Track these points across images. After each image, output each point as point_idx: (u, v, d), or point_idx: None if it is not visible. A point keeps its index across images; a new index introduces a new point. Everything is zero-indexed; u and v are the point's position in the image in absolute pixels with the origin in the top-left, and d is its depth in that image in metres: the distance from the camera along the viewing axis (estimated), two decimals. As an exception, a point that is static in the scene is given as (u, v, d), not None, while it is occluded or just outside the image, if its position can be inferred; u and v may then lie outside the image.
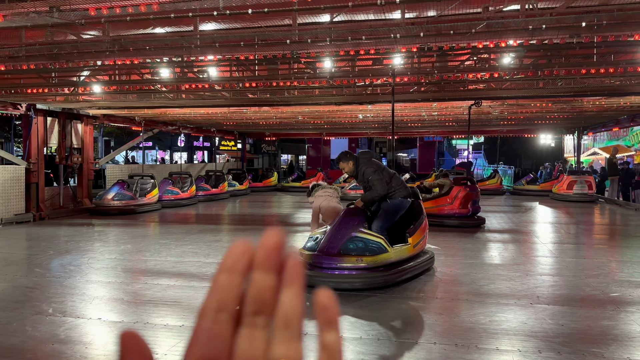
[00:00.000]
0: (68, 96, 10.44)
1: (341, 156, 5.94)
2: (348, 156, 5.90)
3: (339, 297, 1.65)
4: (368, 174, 5.75)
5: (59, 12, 4.59)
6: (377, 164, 5.88)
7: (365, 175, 5.77)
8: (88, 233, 9.30)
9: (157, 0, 4.37)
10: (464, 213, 9.95)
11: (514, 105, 12.54)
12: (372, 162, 5.84)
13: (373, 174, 5.71)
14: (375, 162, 5.90)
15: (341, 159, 5.93)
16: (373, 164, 5.81)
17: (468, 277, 5.78)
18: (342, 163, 5.93)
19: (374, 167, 5.78)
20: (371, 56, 7.65)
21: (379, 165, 5.89)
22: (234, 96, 10.54)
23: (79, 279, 5.70)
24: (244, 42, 5.78)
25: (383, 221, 5.66)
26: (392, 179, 5.85)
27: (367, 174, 5.76)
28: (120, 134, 34.32)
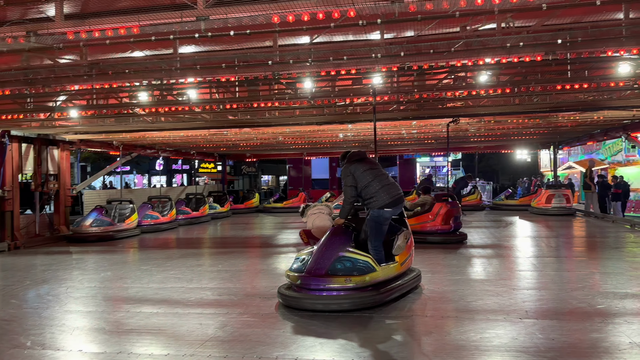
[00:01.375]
0: (44, 122, 10.24)
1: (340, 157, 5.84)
2: (341, 158, 5.79)
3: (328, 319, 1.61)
4: (343, 179, 5.60)
5: (36, 37, 4.51)
6: (354, 168, 5.50)
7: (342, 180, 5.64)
8: (66, 261, 9.03)
9: (137, 23, 4.34)
10: (446, 229, 10.00)
11: (491, 122, 12.76)
12: (349, 168, 5.53)
13: (345, 179, 5.51)
14: (353, 167, 5.52)
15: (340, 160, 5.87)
16: (348, 170, 5.51)
17: (456, 294, 5.76)
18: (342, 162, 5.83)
19: (348, 172, 5.51)
20: (351, 76, 7.71)
21: (357, 169, 5.49)
22: (214, 118, 10.49)
23: (57, 309, 5.50)
24: (225, 64, 5.76)
25: (371, 237, 5.48)
26: (368, 186, 5.44)
27: (342, 179, 5.61)
28: (97, 159, 33.81)
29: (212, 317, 5.07)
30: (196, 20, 4.37)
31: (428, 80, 8.59)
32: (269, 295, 5.87)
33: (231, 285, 6.55)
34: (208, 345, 4.18)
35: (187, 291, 6.26)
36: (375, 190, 5.43)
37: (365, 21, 4.55)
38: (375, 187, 5.43)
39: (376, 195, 5.43)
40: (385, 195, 5.43)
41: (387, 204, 5.43)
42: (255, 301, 5.67)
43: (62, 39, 4.72)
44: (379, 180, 5.48)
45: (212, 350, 4.07)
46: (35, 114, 9.54)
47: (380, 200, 5.42)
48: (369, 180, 5.45)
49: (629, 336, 4.16)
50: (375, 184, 5.44)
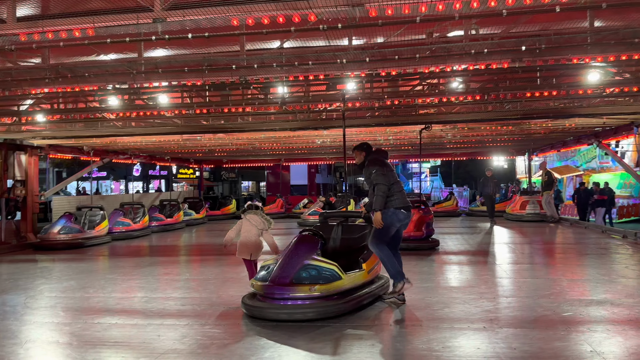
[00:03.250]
0: (10, 126, 9.96)
1: (358, 145, 5.89)
2: (365, 147, 5.85)
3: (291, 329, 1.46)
4: (372, 169, 5.59)
5: (-15, 38, 4.36)
6: (385, 164, 5.69)
7: (369, 170, 5.62)
8: (29, 270, 8.75)
9: (91, 25, 4.21)
10: (418, 236, 9.97)
11: (465, 129, 12.84)
12: (380, 161, 5.67)
13: (378, 170, 5.52)
14: (384, 162, 5.71)
15: (356, 147, 5.88)
16: (379, 162, 5.64)
17: (423, 302, 5.71)
18: (356, 152, 5.86)
19: (379, 165, 5.60)
20: (323, 82, 7.66)
21: (387, 166, 5.68)
22: (185, 123, 10.33)
23: (12, 321, 5.28)
24: (188, 68, 5.65)
25: (378, 237, 5.42)
26: (394, 184, 5.59)
27: (371, 169, 5.60)
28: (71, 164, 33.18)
29: (173, 328, 4.92)
30: (152, 22, 4.25)
31: (401, 87, 8.59)
32: (235, 304, 5.73)
33: (196, 295, 6.39)
34: (164, 358, 4.04)
35: (149, 301, 6.09)
36: (396, 190, 5.60)
37: (325, 26, 4.50)
38: (396, 188, 5.62)
39: (396, 195, 5.58)
40: (404, 199, 5.63)
41: (405, 206, 5.59)
42: (219, 311, 5.53)
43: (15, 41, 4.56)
44: (398, 184, 5.69)
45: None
46: (0, 119, 9.27)
47: (399, 202, 5.56)
48: (392, 181, 5.64)
49: (591, 344, 4.14)
50: (397, 186, 5.64)
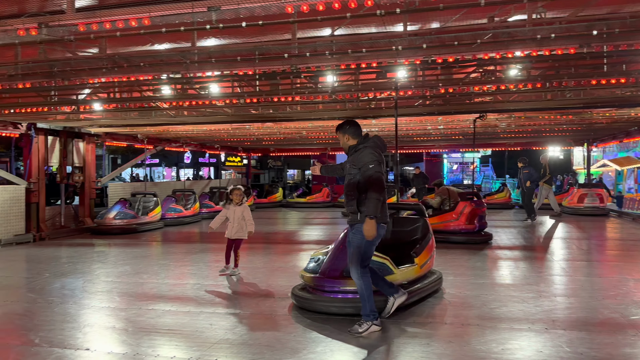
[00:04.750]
0: (69, 115, 10.33)
1: (345, 123, 4.54)
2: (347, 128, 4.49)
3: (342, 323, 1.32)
4: (367, 159, 4.30)
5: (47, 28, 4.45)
6: (383, 161, 4.44)
7: (363, 159, 4.32)
8: (87, 254, 9.09)
9: (147, 14, 4.23)
10: (470, 229, 9.67)
11: (522, 118, 12.29)
12: (379, 155, 4.41)
13: (374, 163, 4.28)
14: (382, 157, 4.45)
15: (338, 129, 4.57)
16: (378, 157, 4.38)
17: (478, 299, 5.50)
18: (338, 133, 4.57)
19: (378, 160, 4.35)
20: (374, 69, 7.46)
21: (383, 163, 4.44)
22: (235, 112, 10.38)
23: (71, 305, 5.47)
24: (241, 57, 5.61)
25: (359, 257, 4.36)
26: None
27: (366, 158, 4.31)
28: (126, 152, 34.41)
29: (224, 317, 4.95)
30: (207, 11, 4.22)
31: (455, 74, 8.26)
32: (284, 295, 5.72)
33: (247, 284, 6.42)
34: (216, 348, 4.06)
35: (201, 288, 6.17)
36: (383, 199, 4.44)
37: (383, 11, 4.32)
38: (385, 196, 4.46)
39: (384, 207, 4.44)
40: (387, 210, 4.50)
41: (387, 221, 4.51)
42: (269, 301, 5.53)
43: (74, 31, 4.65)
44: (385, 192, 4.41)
45: (220, 353, 3.94)
46: (60, 107, 9.61)
47: (384, 214, 4.41)
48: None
49: (666, 353, 3.84)
50: (385, 194, 4.43)
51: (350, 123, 4.55)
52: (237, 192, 6.96)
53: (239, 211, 6.89)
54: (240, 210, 6.90)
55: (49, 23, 4.45)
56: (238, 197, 6.94)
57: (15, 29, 4.52)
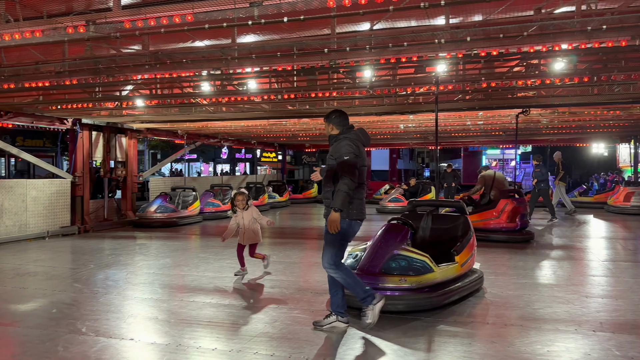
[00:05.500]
0: (112, 110, 10.62)
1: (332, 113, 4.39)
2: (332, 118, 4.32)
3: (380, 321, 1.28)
4: (343, 150, 4.10)
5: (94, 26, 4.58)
6: (362, 155, 4.25)
7: (339, 150, 4.14)
8: (129, 246, 9.35)
9: (191, 10, 4.29)
10: (511, 227, 9.43)
11: (566, 113, 11.88)
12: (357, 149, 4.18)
13: (350, 155, 4.08)
14: (362, 151, 4.25)
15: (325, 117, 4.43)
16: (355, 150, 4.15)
17: (521, 300, 5.35)
18: (325, 121, 4.42)
19: (354, 153, 4.13)
20: (413, 64, 7.35)
21: (362, 157, 4.24)
22: (273, 108, 10.44)
23: (115, 295, 5.63)
24: (281, 53, 5.62)
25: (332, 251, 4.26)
26: (359, 186, 4.19)
27: (343, 150, 4.11)
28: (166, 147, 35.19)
29: (263, 310, 4.99)
30: (249, 7, 4.25)
31: (497, 68, 8.05)
32: (321, 290, 5.71)
33: (284, 278, 6.46)
34: (256, 341, 4.09)
35: (240, 281, 6.24)
36: (357, 196, 4.23)
37: (427, 3, 4.23)
38: (360, 193, 4.24)
39: (356, 202, 4.23)
40: (363, 207, 4.32)
41: (362, 218, 4.33)
42: (307, 296, 5.54)
43: (119, 28, 4.77)
44: (362, 187, 4.26)
45: (260, 346, 3.97)
46: (104, 103, 9.89)
47: (358, 211, 4.25)
48: (361, 180, 4.23)
49: None
50: (360, 190, 4.24)
51: (337, 112, 4.40)
52: (240, 197, 6.50)
53: (247, 216, 6.45)
54: (249, 214, 6.47)
55: (96, 20, 4.58)
56: (242, 203, 6.48)
57: (65, 27, 4.67)
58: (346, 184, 4.04)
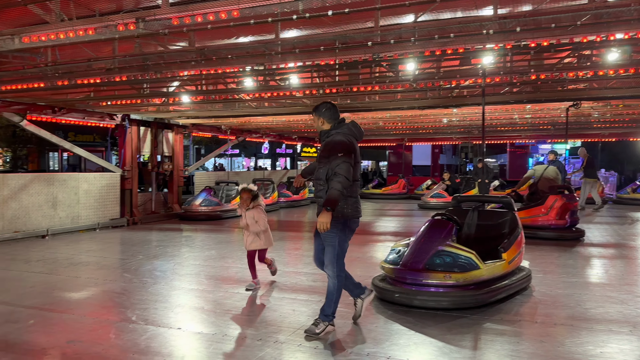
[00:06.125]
0: (159, 106, 10.92)
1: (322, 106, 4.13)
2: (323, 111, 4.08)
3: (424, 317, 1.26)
4: (337, 147, 3.90)
5: (144, 23, 4.70)
6: (356, 150, 4.02)
7: (332, 146, 3.94)
8: (176, 238, 9.61)
9: (237, 6, 4.34)
10: (560, 224, 9.09)
11: (619, 106, 11.34)
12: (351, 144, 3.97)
13: (344, 152, 3.87)
14: (355, 147, 4.03)
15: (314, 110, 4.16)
16: (349, 146, 3.93)
17: (571, 299, 5.16)
18: (313, 115, 4.19)
19: (348, 149, 3.91)
20: (458, 56, 7.19)
21: (356, 153, 4.03)
22: (314, 103, 10.46)
23: (163, 286, 5.80)
24: (324, 47, 5.62)
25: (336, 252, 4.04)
26: (353, 183, 3.99)
27: (336, 146, 3.91)
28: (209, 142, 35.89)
29: (305, 303, 5.02)
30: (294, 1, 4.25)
31: (547, 59, 7.76)
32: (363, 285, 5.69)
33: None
34: (300, 334, 4.12)
35: (282, 275, 6.30)
36: (353, 194, 4.04)
37: (476, -7, 4.12)
38: (355, 190, 4.07)
39: (351, 200, 4.03)
40: (359, 204, 4.15)
41: (358, 216, 4.16)
42: (349, 291, 5.52)
43: (168, 25, 4.88)
44: (357, 185, 4.08)
45: (303, 339, 4.00)
46: (151, 99, 10.18)
47: (354, 209, 4.07)
48: (355, 177, 4.03)
49: None
50: (356, 187, 4.07)
51: (327, 105, 4.11)
52: (245, 194, 5.58)
53: (250, 216, 5.55)
54: (251, 214, 5.55)
55: (145, 17, 4.71)
56: (246, 201, 5.57)
57: (116, 24, 4.82)
58: (340, 182, 3.81)
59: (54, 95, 9.59)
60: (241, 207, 5.63)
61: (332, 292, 4.10)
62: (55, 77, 7.58)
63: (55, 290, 5.61)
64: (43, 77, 7.63)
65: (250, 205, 5.57)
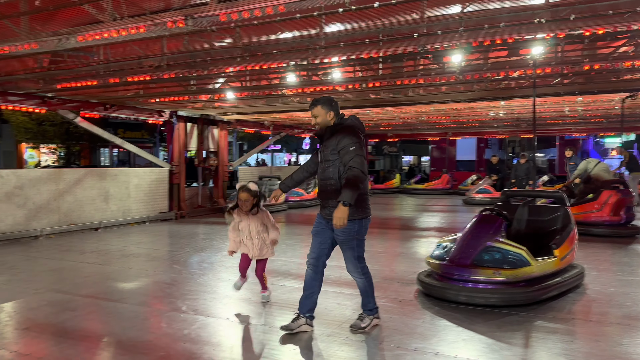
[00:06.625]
0: (205, 103, 11.15)
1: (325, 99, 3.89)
2: (334, 104, 3.88)
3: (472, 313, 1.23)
4: (349, 140, 3.72)
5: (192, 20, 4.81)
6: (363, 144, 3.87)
7: (343, 143, 3.73)
8: (222, 231, 9.81)
9: (283, 1, 4.37)
10: (615, 221, 8.72)
11: (681, 97, 10.71)
12: (360, 138, 3.82)
13: (358, 149, 3.70)
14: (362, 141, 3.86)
15: (322, 102, 3.87)
16: (359, 139, 3.79)
17: (628, 298, 4.94)
18: (318, 108, 3.86)
19: (359, 142, 3.77)
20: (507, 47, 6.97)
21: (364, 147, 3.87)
22: (356, 97, 10.41)
23: (211, 277, 5.94)
24: (369, 40, 5.58)
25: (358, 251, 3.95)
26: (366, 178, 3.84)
27: (348, 140, 3.72)
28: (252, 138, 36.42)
29: (350, 297, 5.02)
30: (341, -7, 4.25)
31: (600, 49, 7.42)
32: (408, 280, 5.65)
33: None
34: (345, 327, 4.13)
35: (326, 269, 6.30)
36: (366, 189, 3.85)
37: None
38: (367, 186, 3.90)
39: (367, 196, 3.91)
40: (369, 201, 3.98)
41: (370, 214, 3.99)
42: (394, 286, 5.50)
43: (215, 21, 4.96)
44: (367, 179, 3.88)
45: (349, 332, 4.01)
46: (198, 96, 10.40)
47: (368, 207, 3.95)
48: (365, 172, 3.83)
49: None
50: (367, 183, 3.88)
51: (332, 99, 3.90)
52: (244, 195, 4.58)
53: (255, 222, 4.66)
54: (257, 220, 4.68)
55: (194, 15, 4.81)
56: (247, 204, 4.60)
57: (165, 22, 4.95)
58: (356, 176, 3.62)
59: (106, 92, 9.95)
60: (239, 212, 4.65)
61: (366, 289, 4.03)
62: (107, 75, 7.87)
63: (109, 280, 5.84)
64: (96, 75, 7.93)
65: (253, 211, 4.63)
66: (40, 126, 22.83)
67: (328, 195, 3.87)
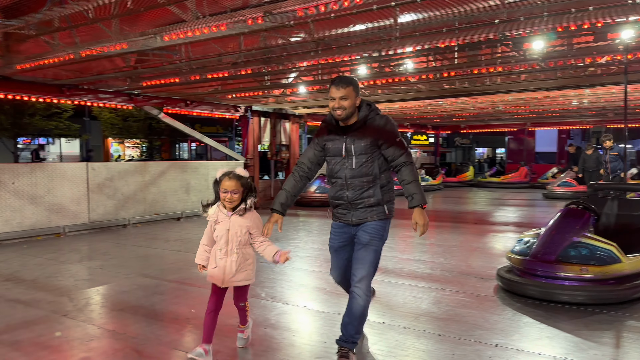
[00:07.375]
0: (277, 97, 11.40)
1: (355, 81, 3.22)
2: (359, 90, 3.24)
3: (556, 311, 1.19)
4: (392, 134, 3.19)
5: (271, 16, 4.93)
6: None
7: (386, 134, 3.18)
8: (294, 223, 10.03)
9: (359, -7, 4.39)
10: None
11: None
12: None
13: (401, 137, 3.22)
14: None
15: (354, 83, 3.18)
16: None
17: None
18: (350, 89, 3.13)
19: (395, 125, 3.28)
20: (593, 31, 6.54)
21: None
22: (429, 88, 10.21)
23: (286, 266, 6.10)
24: (447, 28, 5.45)
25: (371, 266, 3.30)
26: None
27: (390, 133, 3.19)
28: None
29: (425, 291, 4.98)
30: (418, -17, 4.18)
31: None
32: (485, 276, 5.51)
33: (444, 261, 6.35)
34: (422, 320, 4.11)
35: (399, 262, 6.30)
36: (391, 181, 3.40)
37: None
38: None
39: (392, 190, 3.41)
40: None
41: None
42: (471, 281, 5.37)
43: (293, 17, 5.06)
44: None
45: (427, 325, 3.98)
46: (271, 91, 10.66)
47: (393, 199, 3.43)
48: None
49: None
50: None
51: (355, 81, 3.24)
52: (231, 183, 3.22)
53: (238, 226, 3.28)
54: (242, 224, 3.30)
55: (272, 11, 4.93)
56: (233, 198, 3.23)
57: (245, 19, 5.11)
58: (414, 173, 3.19)
59: (187, 89, 10.44)
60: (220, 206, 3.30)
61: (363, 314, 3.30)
62: (188, 72, 8.25)
63: (193, 267, 6.11)
64: (178, 72, 8.34)
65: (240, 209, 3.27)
66: (125, 122, 24.34)
67: (360, 195, 3.24)
